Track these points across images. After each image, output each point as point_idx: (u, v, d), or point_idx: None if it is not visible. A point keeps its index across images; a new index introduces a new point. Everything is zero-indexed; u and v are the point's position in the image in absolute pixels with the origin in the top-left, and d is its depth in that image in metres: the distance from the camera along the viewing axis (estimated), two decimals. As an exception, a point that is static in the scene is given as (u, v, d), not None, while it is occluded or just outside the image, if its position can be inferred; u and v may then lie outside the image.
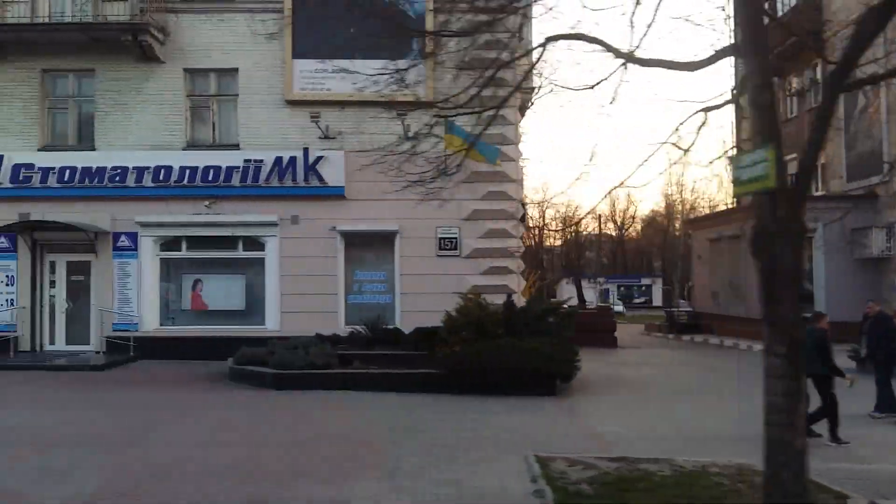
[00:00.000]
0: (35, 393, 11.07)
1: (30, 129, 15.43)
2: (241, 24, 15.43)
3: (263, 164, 15.06)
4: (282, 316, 15.23)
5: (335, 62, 14.93)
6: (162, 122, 15.42)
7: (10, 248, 15.25)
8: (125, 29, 14.52)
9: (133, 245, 15.27)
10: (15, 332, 15.11)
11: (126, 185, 15.10)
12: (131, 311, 15.16)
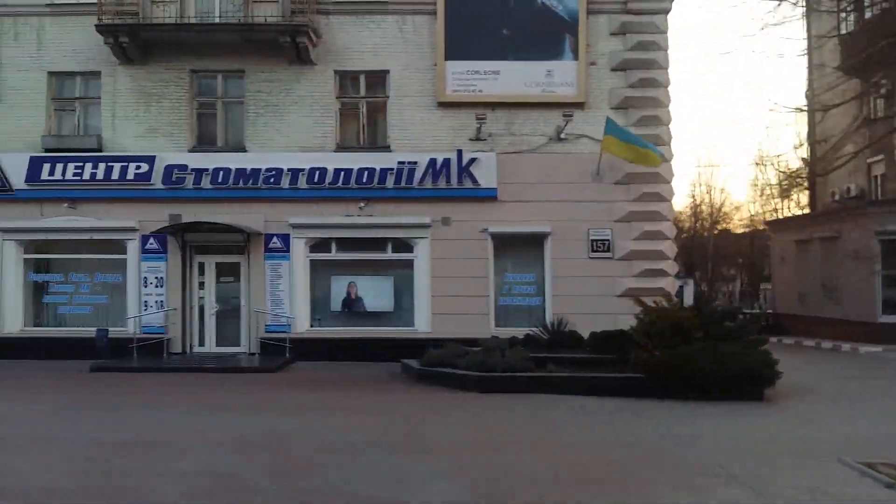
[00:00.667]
0: (245, 396, 10.97)
1: (179, 130, 15.45)
2: (392, 26, 15.43)
3: (417, 165, 14.99)
4: (433, 318, 15.15)
5: (488, 63, 14.93)
6: (313, 124, 15.40)
7: (160, 249, 15.27)
8: (283, 30, 14.49)
9: (285, 246, 15.24)
10: (166, 334, 15.10)
11: (280, 186, 15.08)
12: (284, 312, 15.13)
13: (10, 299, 15.29)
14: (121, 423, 8.81)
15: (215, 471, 6.60)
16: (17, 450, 7.30)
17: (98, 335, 14.64)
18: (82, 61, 15.51)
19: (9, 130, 15.40)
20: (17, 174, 15.06)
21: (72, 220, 15.25)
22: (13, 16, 15.51)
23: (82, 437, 7.99)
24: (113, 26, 14.51)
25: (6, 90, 15.48)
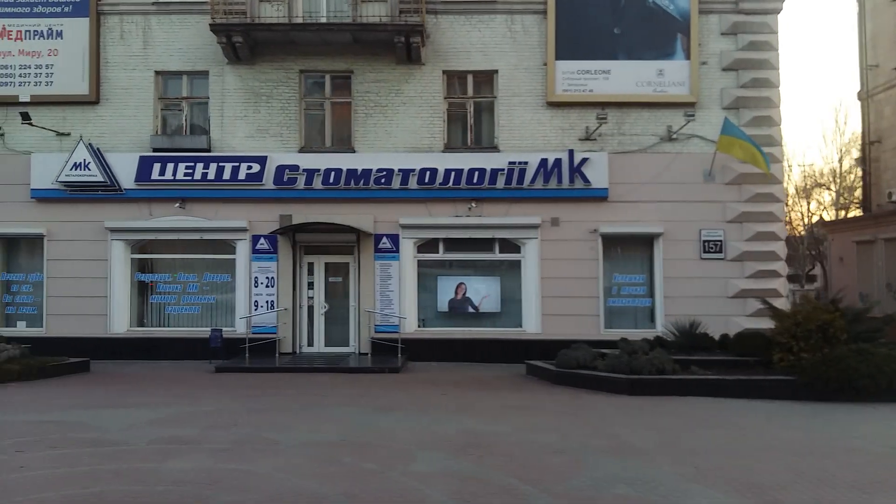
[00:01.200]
0: (396, 396, 10.94)
1: (289, 130, 15.41)
2: (501, 26, 15.37)
3: (528, 166, 14.93)
4: (543, 319, 15.11)
5: (599, 63, 14.88)
6: (421, 125, 15.35)
7: (271, 249, 15.24)
8: (399, 30, 14.42)
9: (394, 247, 15.21)
10: (277, 334, 15.09)
11: (390, 187, 15.04)
12: (394, 312, 15.11)
13: (118, 300, 15.28)
14: (309, 423, 8.77)
15: (459, 473, 6.53)
16: (243, 455, 7.25)
17: (212, 335, 14.62)
18: (189, 61, 15.47)
19: (115, 130, 15.38)
20: (127, 174, 15.04)
21: (181, 219, 15.23)
22: (119, 14, 15.49)
23: (287, 438, 7.94)
24: (227, 25, 14.46)
25: (112, 89, 15.45)
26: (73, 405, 10.07)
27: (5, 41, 15.34)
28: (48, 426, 8.60)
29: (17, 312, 15.50)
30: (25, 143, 15.37)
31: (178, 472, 6.56)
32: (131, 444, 7.71)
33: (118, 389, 11.60)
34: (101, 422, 8.80)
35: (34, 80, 15.32)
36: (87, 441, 7.79)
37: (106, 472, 6.56)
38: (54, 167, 15.04)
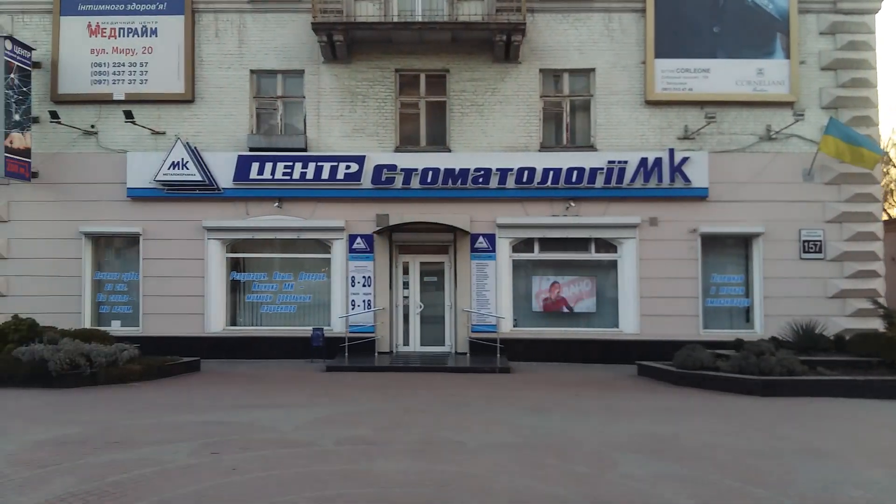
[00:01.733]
0: (539, 397, 10.87)
1: (385, 130, 15.35)
2: (598, 24, 15.32)
3: (628, 165, 14.87)
4: (641, 319, 15.05)
5: (698, 61, 14.82)
6: (517, 124, 15.30)
7: (368, 249, 15.20)
8: (501, 28, 14.36)
9: (491, 246, 15.16)
10: (374, 333, 15.05)
11: (487, 186, 14.99)
12: (490, 311, 15.06)
13: (215, 299, 15.24)
14: (474, 424, 8.69)
15: (678, 476, 6.41)
16: (442, 456, 7.17)
17: (314, 334, 14.59)
18: (285, 59, 15.42)
19: (210, 129, 15.33)
20: (225, 173, 15.00)
21: (278, 219, 15.19)
22: (214, 12, 15.43)
23: (468, 439, 7.87)
24: (328, 24, 14.41)
25: (207, 88, 15.40)
26: (219, 405, 10.01)
27: (99, 39, 15.29)
28: (215, 427, 8.54)
29: (111, 312, 15.46)
30: (119, 142, 15.33)
31: (394, 473, 6.50)
32: (320, 444, 7.65)
33: (246, 389, 11.53)
34: (264, 422, 8.76)
35: (129, 79, 15.27)
36: (274, 442, 7.73)
37: (324, 473, 6.50)
38: (151, 166, 15.01)
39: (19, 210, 15.32)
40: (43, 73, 15.42)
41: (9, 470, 6.50)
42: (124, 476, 6.31)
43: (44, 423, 8.66)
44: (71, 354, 11.11)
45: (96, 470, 6.49)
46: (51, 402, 10.11)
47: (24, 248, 15.26)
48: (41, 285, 15.16)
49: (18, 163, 14.64)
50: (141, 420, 8.88)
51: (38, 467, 6.58)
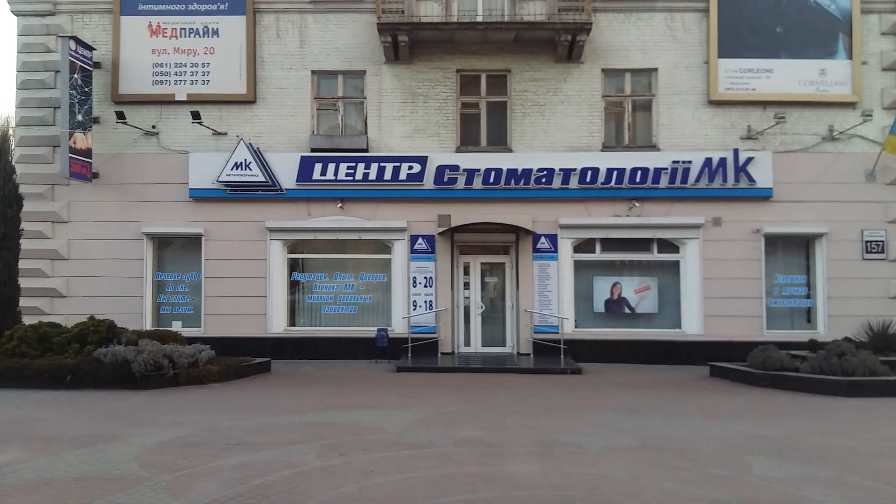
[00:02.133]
0: (626, 401, 10.77)
1: (446, 130, 15.34)
2: (661, 24, 15.28)
3: (692, 165, 14.83)
4: (705, 320, 15.00)
5: (761, 61, 14.77)
6: (580, 124, 15.27)
7: (429, 249, 15.18)
8: (566, 28, 14.35)
9: (553, 247, 15.13)
10: (436, 333, 15.02)
11: (550, 186, 14.95)
12: (552, 312, 15.02)
13: (277, 299, 15.25)
14: (579, 426, 8.65)
15: (823, 479, 6.34)
16: (569, 459, 7.12)
17: (379, 335, 14.58)
18: (346, 60, 15.41)
19: (271, 130, 15.33)
20: (287, 174, 14.99)
21: (340, 219, 15.19)
22: (275, 12, 15.43)
23: (586, 442, 7.83)
24: (393, 25, 14.39)
25: (269, 89, 15.40)
26: (310, 406, 9.96)
27: (160, 39, 15.29)
28: (321, 428, 8.50)
29: (171, 312, 15.47)
30: (181, 143, 15.33)
31: (532, 476, 6.45)
32: (438, 446, 7.61)
33: (326, 390, 11.49)
34: (366, 423, 8.73)
35: (190, 79, 15.26)
36: (391, 443, 7.69)
37: (463, 475, 6.46)
38: (213, 167, 15.00)
39: (80, 211, 15.33)
40: (103, 73, 15.43)
41: (146, 473, 6.47)
42: (267, 479, 6.28)
43: (146, 425, 8.64)
44: (154, 355, 11.10)
45: (233, 473, 6.46)
46: (141, 404, 10.09)
47: (84, 249, 15.27)
48: (101, 286, 15.16)
49: (81, 163, 14.65)
50: (242, 421, 8.85)
51: (174, 470, 6.55)
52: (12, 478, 6.25)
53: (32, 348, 11.60)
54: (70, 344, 11.70)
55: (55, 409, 9.58)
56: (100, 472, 6.49)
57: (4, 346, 11.65)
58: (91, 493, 5.85)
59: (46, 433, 8.12)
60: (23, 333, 11.68)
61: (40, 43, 15.45)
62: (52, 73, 15.43)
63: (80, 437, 7.92)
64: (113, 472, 6.46)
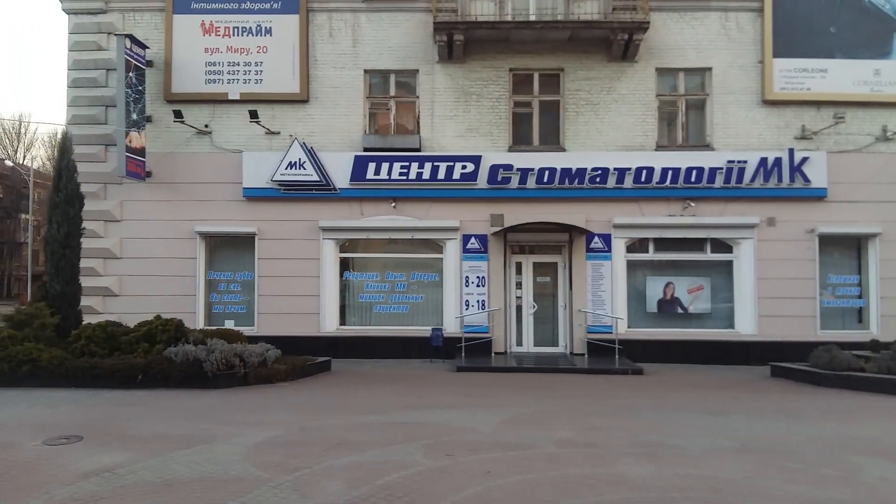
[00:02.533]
0: (697, 402, 10.76)
1: (498, 129, 15.30)
2: (715, 23, 15.23)
3: (747, 165, 14.78)
4: (759, 320, 14.96)
5: (815, 61, 14.71)
6: (633, 123, 15.22)
7: (482, 249, 15.15)
8: (623, 27, 14.31)
9: (606, 247, 15.09)
10: (489, 333, 15.00)
11: (604, 186, 14.91)
12: (606, 312, 14.99)
13: (329, 298, 15.24)
14: (669, 427, 8.61)
15: None
16: (679, 461, 7.09)
17: (434, 334, 14.56)
18: (399, 59, 15.38)
19: (324, 129, 15.31)
20: (341, 174, 14.97)
21: (392, 219, 15.16)
22: (328, 11, 15.41)
23: (685, 444, 7.79)
24: (449, 24, 14.35)
25: (321, 88, 15.37)
26: (389, 405, 9.95)
27: (213, 38, 15.28)
28: (412, 427, 8.47)
29: (224, 311, 15.46)
30: (234, 142, 15.32)
31: (649, 478, 6.44)
32: (540, 447, 7.59)
33: (395, 389, 11.46)
34: (455, 423, 8.72)
35: (243, 78, 15.25)
36: (491, 444, 7.66)
37: (582, 477, 6.46)
38: (266, 166, 14.99)
39: (132, 209, 15.34)
40: (154, 72, 15.42)
41: (264, 473, 6.47)
42: (387, 480, 6.27)
43: (237, 424, 8.62)
44: (226, 355, 11.10)
45: (350, 473, 6.46)
46: (220, 404, 10.08)
47: (136, 248, 15.28)
48: (153, 285, 15.16)
49: (136, 162, 14.65)
50: (330, 421, 8.84)
51: (290, 470, 6.54)
52: (132, 479, 6.25)
53: (101, 347, 11.60)
54: (139, 343, 11.69)
55: (137, 409, 9.58)
56: (216, 472, 6.49)
57: (72, 345, 11.66)
58: (219, 493, 5.85)
59: (140, 433, 8.12)
60: (91, 332, 11.68)
61: (92, 41, 15.45)
62: (103, 72, 15.44)
63: (177, 437, 7.92)
64: (230, 473, 6.46)
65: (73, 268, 12.65)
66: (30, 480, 6.17)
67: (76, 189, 12.74)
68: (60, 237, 12.41)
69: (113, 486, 6.02)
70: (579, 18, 14.51)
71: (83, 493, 5.81)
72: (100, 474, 6.38)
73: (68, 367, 11.10)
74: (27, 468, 6.56)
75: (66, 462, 6.79)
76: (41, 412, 9.33)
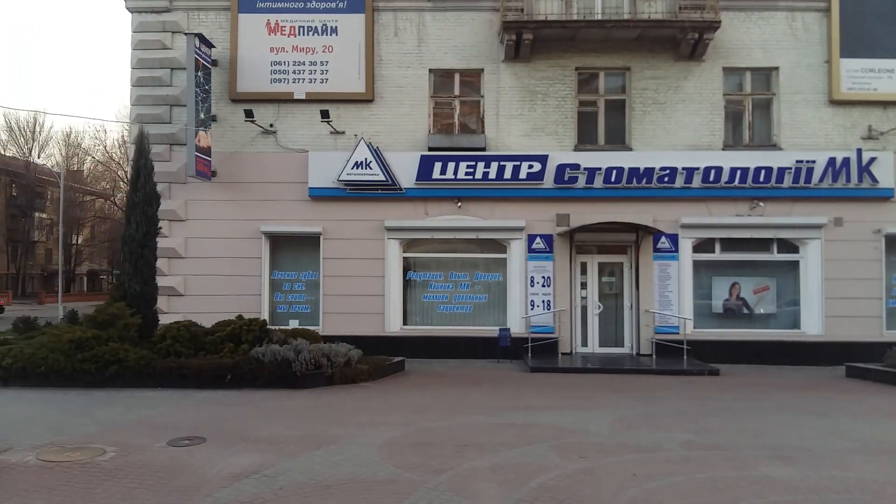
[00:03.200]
0: (791, 403, 10.55)
1: (564, 128, 15.26)
2: (781, 23, 15.18)
3: (815, 165, 14.72)
4: (826, 321, 14.91)
5: (882, 61, 14.66)
6: (701, 122, 15.17)
7: (547, 249, 15.12)
8: (694, 26, 14.27)
9: (673, 247, 15.05)
10: (554, 333, 14.97)
11: (672, 185, 14.86)
12: (673, 312, 14.95)
13: (394, 298, 15.22)
14: (774, 428, 8.56)
15: None
16: (814, 463, 7.07)
17: (501, 334, 14.55)
18: (464, 58, 15.35)
19: (389, 129, 15.28)
20: (407, 174, 14.95)
21: (457, 218, 15.13)
22: (393, 11, 15.37)
23: (814, 445, 7.76)
24: (519, 23, 14.32)
25: (386, 87, 15.34)
26: (486, 406, 9.92)
27: (279, 37, 15.26)
28: (529, 429, 8.46)
29: (288, 311, 15.44)
30: (299, 142, 15.31)
31: (797, 479, 6.44)
32: (668, 448, 7.58)
33: (480, 389, 11.42)
34: (565, 424, 8.73)
35: (308, 78, 15.22)
36: (618, 446, 7.64)
37: (733, 480, 6.44)
38: (332, 166, 14.97)
39: (197, 209, 15.33)
40: (219, 71, 15.40)
41: (414, 475, 6.46)
42: (539, 482, 6.28)
43: (352, 425, 8.61)
44: (315, 355, 11.09)
45: (497, 475, 6.46)
46: (320, 403, 10.07)
47: (201, 248, 15.28)
48: (218, 285, 15.16)
49: (203, 161, 14.64)
50: (441, 422, 8.83)
51: (435, 472, 6.55)
52: (284, 481, 6.24)
53: (186, 347, 11.61)
54: (223, 343, 11.69)
55: (240, 410, 9.58)
56: (362, 473, 6.48)
57: (157, 345, 11.66)
58: (377, 495, 5.84)
59: (259, 434, 8.12)
60: (176, 333, 11.68)
61: (156, 40, 15.44)
62: (167, 71, 15.43)
63: (298, 437, 7.92)
64: (378, 474, 6.45)
65: (151, 267, 12.65)
66: (183, 483, 6.16)
67: (153, 188, 12.73)
68: (139, 237, 12.41)
69: (271, 488, 6.02)
70: (649, 17, 14.44)
71: (245, 496, 5.80)
72: (249, 476, 6.38)
73: (155, 367, 11.10)
74: (171, 470, 6.55)
75: (205, 464, 6.78)
76: (146, 413, 9.32)
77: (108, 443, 7.61)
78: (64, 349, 11.19)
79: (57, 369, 11.05)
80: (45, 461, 6.83)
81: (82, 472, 6.50)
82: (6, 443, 7.52)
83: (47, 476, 6.32)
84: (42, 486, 6.01)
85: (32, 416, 9.09)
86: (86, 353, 11.16)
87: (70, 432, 8.16)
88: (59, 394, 10.76)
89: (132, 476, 6.36)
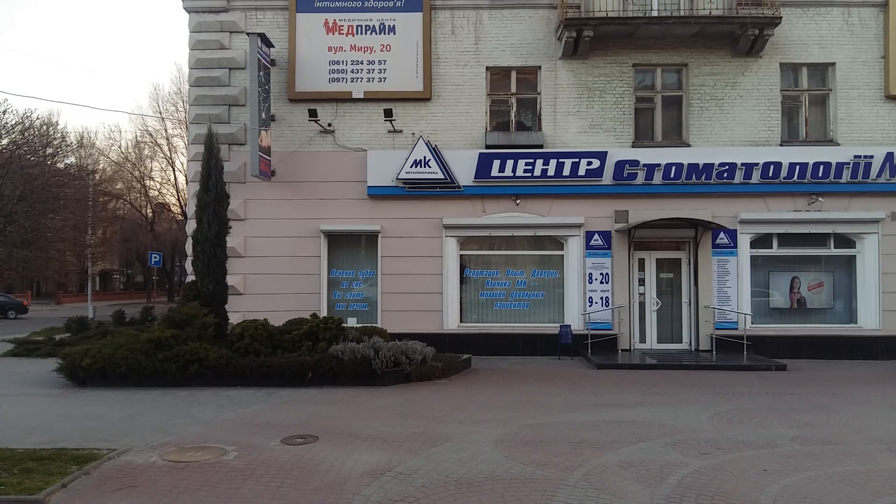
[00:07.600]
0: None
1: (622, 125, 15.29)
2: (838, 18, 15.18)
3: (873, 159, 14.75)
4: (883, 315, 14.95)
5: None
6: (758, 118, 15.20)
7: (605, 245, 15.16)
8: (755, 22, 14.28)
9: (732, 242, 15.09)
10: (613, 330, 15.03)
11: (731, 181, 14.89)
12: (732, 308, 15.00)
13: (451, 295, 15.28)
14: (878, 426, 8.65)
15: None
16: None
17: (562, 331, 14.62)
18: (521, 56, 15.37)
19: (446, 127, 15.32)
20: (465, 171, 15.00)
21: (514, 216, 15.19)
22: (450, 9, 15.41)
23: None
24: (580, 21, 14.34)
25: (444, 86, 15.38)
26: (575, 403, 10.02)
27: (337, 36, 15.30)
28: (630, 425, 8.55)
29: (346, 309, 15.51)
30: (356, 141, 15.36)
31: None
32: (779, 444, 7.66)
33: (558, 387, 11.47)
34: (664, 420, 8.80)
35: (367, 77, 15.26)
36: (727, 442, 7.72)
37: (865, 473, 6.51)
38: (390, 164, 15.03)
39: (256, 208, 15.40)
40: (276, 71, 15.45)
41: (549, 473, 6.53)
42: (676, 478, 6.35)
43: (453, 422, 8.70)
44: (394, 353, 11.17)
45: (629, 471, 6.54)
46: (408, 401, 10.16)
47: (260, 247, 15.35)
48: (277, 283, 15.24)
49: (264, 161, 14.70)
50: (539, 419, 8.94)
51: (567, 469, 6.62)
52: (423, 479, 6.30)
53: (264, 346, 11.69)
54: (301, 342, 11.77)
55: (334, 408, 9.66)
56: (497, 471, 6.54)
57: (235, 344, 11.74)
58: (526, 492, 5.86)
59: (367, 432, 8.21)
60: (254, 331, 11.77)
61: (214, 40, 15.49)
62: (226, 71, 15.49)
63: (409, 435, 8.01)
64: (511, 472, 6.53)
65: (223, 267, 12.73)
66: (322, 481, 6.22)
67: (223, 188, 12.81)
68: (211, 236, 12.48)
69: (415, 486, 6.10)
70: (710, 13, 14.45)
71: (394, 494, 5.87)
72: (384, 474, 6.45)
73: (236, 366, 11.20)
74: (304, 469, 6.63)
75: (333, 462, 6.86)
76: (240, 412, 9.40)
77: (223, 442, 7.71)
78: (144, 349, 11.29)
79: (137, 369, 11.14)
80: (171, 461, 6.90)
81: (214, 471, 6.57)
82: (121, 444, 7.60)
83: (182, 476, 6.37)
84: (186, 487, 6.06)
85: (129, 416, 9.18)
86: (166, 352, 11.26)
87: (177, 432, 8.24)
88: (142, 393, 10.87)
89: (269, 475, 6.44)
